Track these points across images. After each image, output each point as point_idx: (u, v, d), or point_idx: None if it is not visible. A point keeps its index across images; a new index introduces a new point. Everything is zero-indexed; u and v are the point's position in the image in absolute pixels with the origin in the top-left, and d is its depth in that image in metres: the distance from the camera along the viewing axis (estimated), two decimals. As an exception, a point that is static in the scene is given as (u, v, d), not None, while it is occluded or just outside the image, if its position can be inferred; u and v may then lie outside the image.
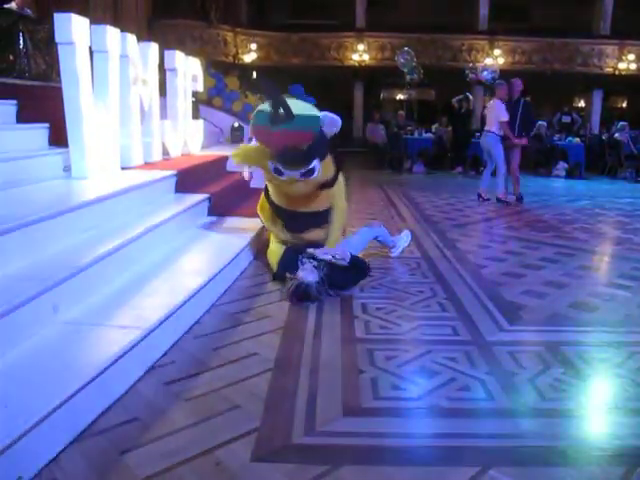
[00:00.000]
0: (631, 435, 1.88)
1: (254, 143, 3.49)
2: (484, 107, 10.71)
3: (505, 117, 7.04)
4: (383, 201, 7.27)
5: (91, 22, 3.65)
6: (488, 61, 15.35)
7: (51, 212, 2.65)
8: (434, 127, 12.57)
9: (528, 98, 7.62)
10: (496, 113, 7.15)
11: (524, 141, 7.36)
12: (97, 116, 3.74)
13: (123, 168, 4.13)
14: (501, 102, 7.17)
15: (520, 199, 7.39)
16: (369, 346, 2.55)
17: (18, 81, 5.17)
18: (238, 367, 2.30)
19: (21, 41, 5.73)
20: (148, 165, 4.53)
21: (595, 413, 2.07)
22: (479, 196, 7.51)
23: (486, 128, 7.38)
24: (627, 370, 2.37)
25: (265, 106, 3.13)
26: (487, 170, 7.53)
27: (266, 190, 3.64)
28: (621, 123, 11.74)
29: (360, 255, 3.67)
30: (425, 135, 12.16)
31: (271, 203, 3.61)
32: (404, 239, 4.28)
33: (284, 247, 3.54)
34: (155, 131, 4.83)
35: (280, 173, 3.21)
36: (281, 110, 3.00)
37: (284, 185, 3.34)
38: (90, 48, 3.66)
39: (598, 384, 2.31)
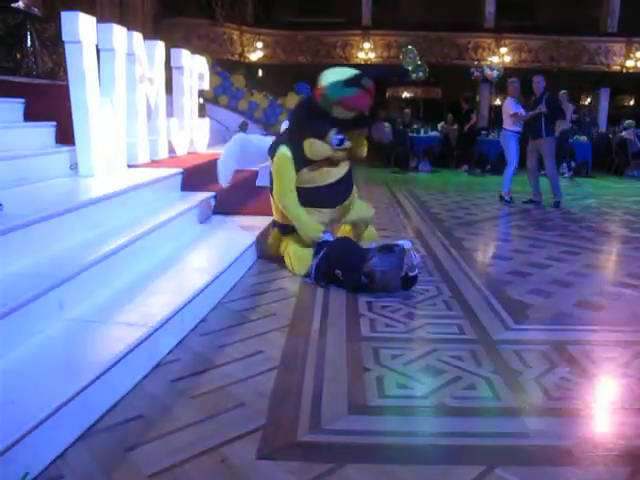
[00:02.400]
0: (637, 435, 1.87)
1: (242, 135, 3.68)
2: (490, 106, 10.69)
3: (513, 110, 6.96)
4: (388, 199, 7.26)
5: (98, 20, 3.67)
6: (494, 59, 15.28)
7: (58, 210, 2.66)
8: (440, 125, 12.54)
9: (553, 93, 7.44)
10: (505, 109, 7.12)
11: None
12: (103, 114, 3.75)
13: (129, 166, 4.14)
14: (512, 99, 7.12)
15: (556, 204, 6.87)
16: (374, 344, 2.55)
17: (25, 79, 5.19)
18: (243, 365, 2.31)
19: (28, 40, 5.75)
20: (154, 163, 4.54)
21: (601, 413, 2.06)
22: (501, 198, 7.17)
23: (503, 126, 7.31)
24: (634, 369, 2.36)
25: (332, 78, 3.41)
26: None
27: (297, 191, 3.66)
28: (628, 121, 11.66)
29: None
30: (431, 133, 12.12)
31: (310, 192, 3.66)
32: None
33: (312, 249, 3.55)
34: (161, 129, 4.84)
35: (342, 143, 3.58)
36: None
37: (335, 156, 3.63)
38: (97, 46, 3.67)
39: (604, 383, 2.29)
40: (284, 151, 3.59)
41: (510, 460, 1.71)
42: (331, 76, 3.45)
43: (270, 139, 3.95)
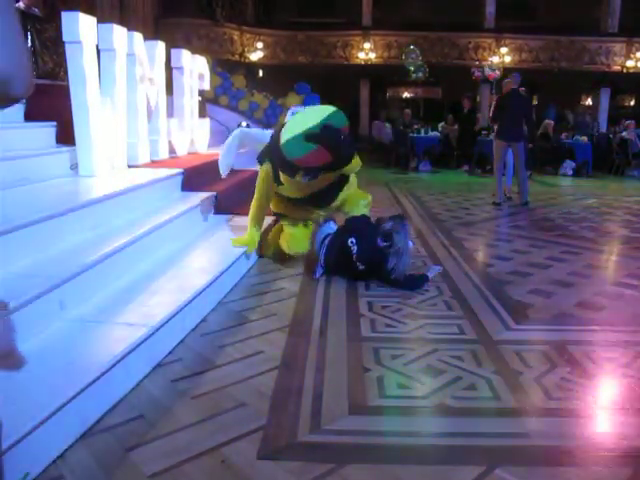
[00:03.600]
0: (638, 436, 1.87)
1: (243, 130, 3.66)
2: (489, 105, 10.68)
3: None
4: (389, 199, 7.26)
5: (98, 21, 3.67)
6: (494, 59, 15.29)
7: (58, 210, 2.66)
8: (440, 125, 12.53)
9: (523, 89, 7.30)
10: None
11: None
12: (104, 114, 3.75)
13: (130, 166, 4.14)
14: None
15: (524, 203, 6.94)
16: (375, 344, 2.55)
17: (26, 80, 5.18)
18: (244, 365, 2.31)
19: (29, 40, 5.75)
20: (155, 163, 4.54)
21: (602, 413, 2.06)
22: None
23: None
24: (634, 370, 2.36)
25: (292, 133, 3.22)
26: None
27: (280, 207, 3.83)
28: (628, 121, 11.65)
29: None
30: (431, 133, 12.12)
31: (291, 199, 3.75)
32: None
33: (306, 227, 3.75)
34: (162, 129, 4.84)
35: (316, 176, 3.42)
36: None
37: (311, 185, 3.54)
38: (97, 47, 3.67)
39: (605, 384, 2.30)
40: (267, 167, 3.59)
41: (510, 460, 1.71)
42: (293, 127, 3.26)
43: (269, 133, 3.92)
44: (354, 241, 3.36)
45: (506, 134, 6.88)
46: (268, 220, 4.18)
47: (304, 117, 3.33)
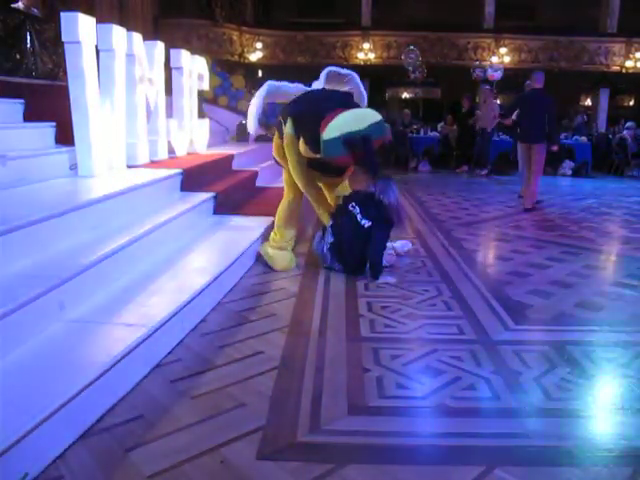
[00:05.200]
0: (638, 436, 1.87)
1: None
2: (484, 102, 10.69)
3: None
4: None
5: (97, 21, 3.66)
6: (494, 59, 15.29)
7: (57, 210, 2.66)
8: (440, 126, 12.53)
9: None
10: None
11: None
12: (103, 115, 3.75)
13: (129, 166, 4.14)
14: None
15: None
16: (374, 345, 2.55)
17: (25, 80, 5.19)
18: (243, 365, 2.31)
19: (28, 40, 5.76)
20: (154, 164, 4.53)
21: (601, 413, 2.06)
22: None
23: None
24: (634, 370, 2.36)
25: (336, 133, 3.27)
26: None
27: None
28: (629, 123, 11.66)
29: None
30: (431, 134, 12.12)
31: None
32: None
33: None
34: (161, 130, 4.84)
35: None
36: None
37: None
38: (96, 47, 3.67)
39: (605, 384, 2.29)
40: (291, 132, 3.54)
41: (510, 460, 1.71)
42: (340, 126, 3.29)
43: (295, 87, 3.88)
44: (354, 204, 3.55)
45: (526, 136, 6.78)
46: (268, 220, 4.18)
47: (353, 118, 3.36)
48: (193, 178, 4.41)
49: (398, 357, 2.42)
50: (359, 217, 3.52)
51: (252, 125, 3.95)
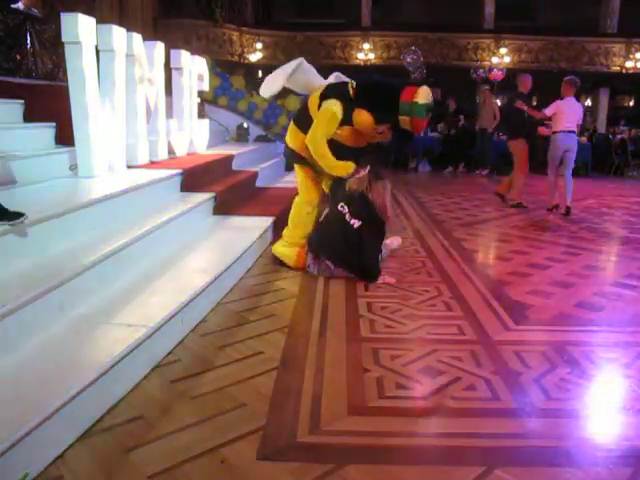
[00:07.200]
0: (638, 436, 1.87)
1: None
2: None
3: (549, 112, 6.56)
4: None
5: (97, 21, 3.66)
6: (494, 60, 15.29)
7: (57, 211, 2.66)
8: (439, 126, 12.52)
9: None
10: (576, 110, 6.48)
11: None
12: (103, 115, 3.75)
13: (129, 167, 4.14)
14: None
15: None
16: (374, 345, 2.55)
17: (25, 80, 5.18)
18: (243, 366, 2.31)
19: (28, 40, 5.74)
20: (154, 164, 4.54)
21: (602, 413, 2.06)
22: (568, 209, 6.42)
23: (568, 127, 6.44)
24: (634, 370, 2.36)
25: (425, 100, 3.54)
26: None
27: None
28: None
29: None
30: (431, 134, 12.11)
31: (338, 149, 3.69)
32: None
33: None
34: (161, 130, 4.84)
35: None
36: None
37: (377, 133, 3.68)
38: (96, 47, 3.67)
39: (605, 384, 2.29)
40: (337, 108, 3.50)
41: (510, 461, 1.71)
42: (426, 97, 3.57)
43: (320, 82, 3.85)
44: (343, 205, 3.54)
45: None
46: (268, 220, 4.17)
47: (428, 92, 3.60)
48: (193, 178, 4.41)
49: (398, 357, 2.42)
50: (347, 217, 3.51)
51: (267, 89, 3.88)
